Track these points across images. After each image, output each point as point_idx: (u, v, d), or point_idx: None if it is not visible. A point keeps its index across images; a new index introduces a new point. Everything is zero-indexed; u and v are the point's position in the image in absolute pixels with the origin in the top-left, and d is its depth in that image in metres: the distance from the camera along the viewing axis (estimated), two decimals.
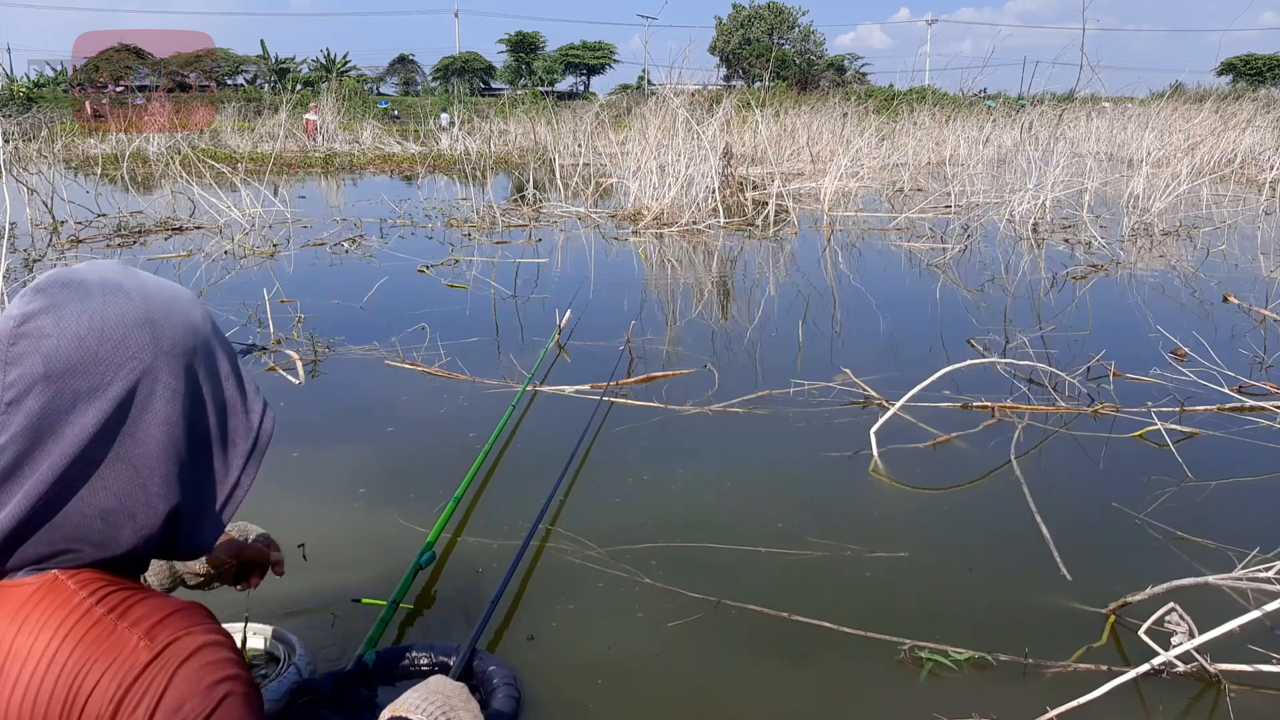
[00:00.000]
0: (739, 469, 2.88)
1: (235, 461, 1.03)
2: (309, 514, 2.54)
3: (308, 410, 3.45)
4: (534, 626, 1.95)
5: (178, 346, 0.94)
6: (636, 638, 1.93)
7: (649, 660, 1.86)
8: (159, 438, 0.92)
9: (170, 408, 0.93)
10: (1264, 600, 1.71)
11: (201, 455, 0.99)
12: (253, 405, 1.06)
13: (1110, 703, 1.63)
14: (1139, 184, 9.17)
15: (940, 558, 2.31)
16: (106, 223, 8.31)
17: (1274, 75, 46.89)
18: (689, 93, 10.70)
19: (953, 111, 18.74)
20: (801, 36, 53.55)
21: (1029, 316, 4.96)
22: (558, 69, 59.89)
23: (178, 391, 0.94)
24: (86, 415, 0.88)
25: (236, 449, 1.03)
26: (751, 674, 1.82)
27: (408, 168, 15.93)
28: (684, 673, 1.82)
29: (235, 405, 1.03)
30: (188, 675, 0.85)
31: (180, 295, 1.00)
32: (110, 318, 0.91)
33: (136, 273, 0.99)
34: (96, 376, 0.89)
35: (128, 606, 0.88)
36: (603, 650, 1.89)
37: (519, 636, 1.91)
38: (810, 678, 1.82)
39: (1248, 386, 3.46)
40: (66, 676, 0.82)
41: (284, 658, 1.70)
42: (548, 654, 1.86)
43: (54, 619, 0.85)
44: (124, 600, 0.88)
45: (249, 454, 1.05)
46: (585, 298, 5.32)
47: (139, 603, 0.89)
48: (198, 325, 0.98)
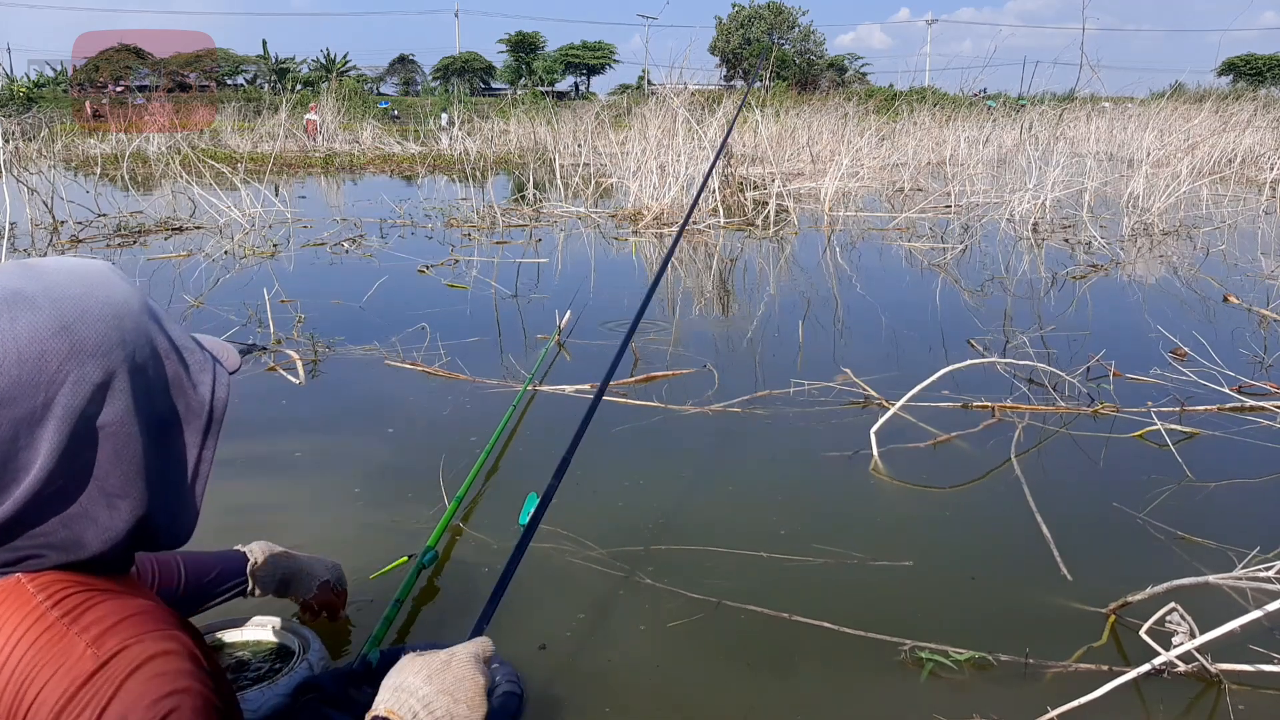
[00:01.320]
0: (739, 469, 2.88)
1: (192, 439, 0.98)
2: (309, 514, 2.55)
3: (308, 410, 3.45)
4: (535, 627, 1.95)
5: (104, 342, 0.88)
6: (637, 637, 1.93)
7: (650, 660, 1.86)
8: (110, 439, 0.88)
9: (114, 406, 0.89)
10: (1264, 600, 1.71)
11: (157, 443, 0.94)
12: (199, 378, 0.99)
13: (1111, 703, 1.63)
14: (1139, 184, 9.17)
15: (940, 557, 2.31)
16: (106, 223, 8.31)
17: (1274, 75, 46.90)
18: (689, 93, 10.69)
19: (953, 111, 18.74)
20: (801, 36, 53.54)
21: (1029, 316, 4.96)
22: (558, 69, 59.89)
23: (117, 388, 0.89)
24: (35, 443, 0.84)
25: (192, 426, 0.98)
26: (751, 675, 1.82)
27: (408, 168, 15.93)
28: (684, 673, 1.83)
29: (181, 382, 0.97)
30: (133, 688, 0.81)
31: (93, 281, 0.92)
32: (22, 336, 0.85)
33: (39, 271, 0.91)
34: (28, 401, 0.84)
35: (83, 610, 0.84)
36: (604, 649, 1.89)
37: (521, 635, 1.91)
38: (811, 678, 1.82)
39: (1248, 386, 3.46)
40: (15, 682, 0.79)
41: (298, 652, 1.70)
42: (549, 653, 1.86)
43: (9, 623, 0.82)
44: (81, 603, 0.85)
45: (205, 429, 0.99)
46: (585, 297, 5.32)
47: (95, 605, 0.85)
48: (121, 310, 0.91)
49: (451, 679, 1.07)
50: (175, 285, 5.55)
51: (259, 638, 1.74)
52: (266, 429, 3.18)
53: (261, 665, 1.69)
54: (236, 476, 2.64)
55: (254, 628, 1.74)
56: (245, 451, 2.89)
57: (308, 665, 1.65)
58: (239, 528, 2.41)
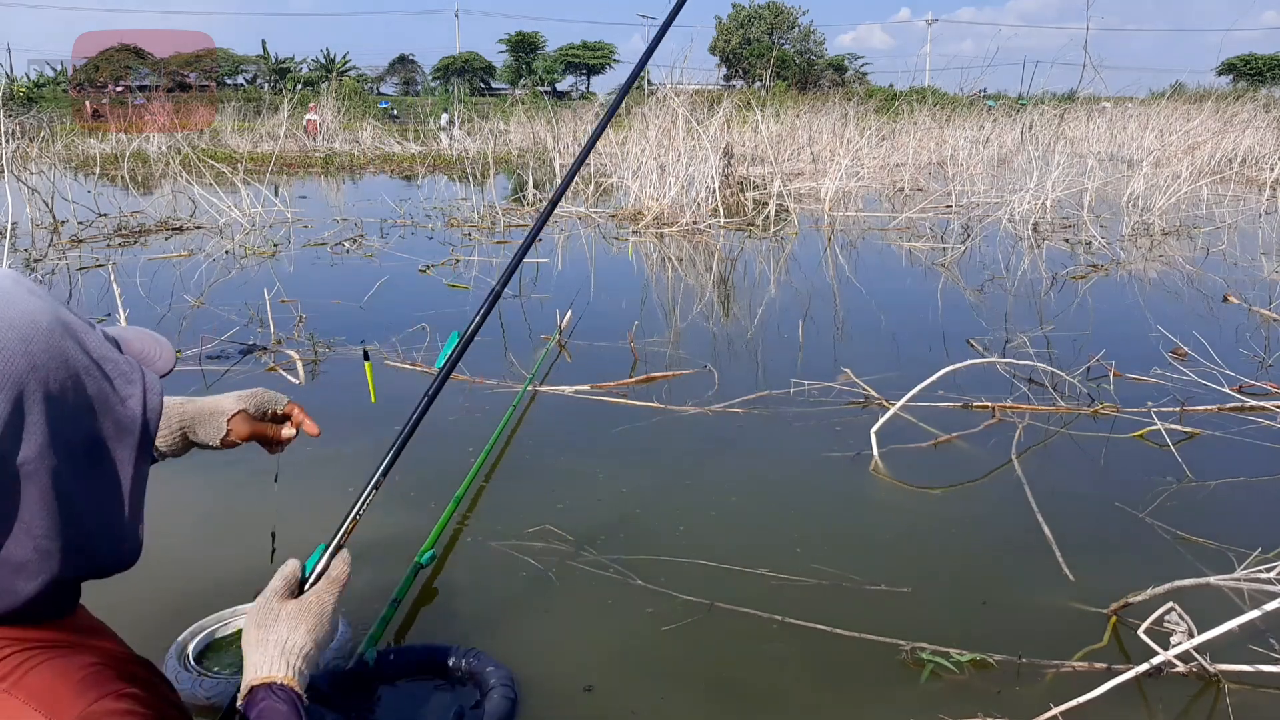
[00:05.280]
0: (739, 470, 2.88)
1: (125, 457, 0.89)
2: (309, 513, 2.54)
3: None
4: (533, 628, 1.95)
5: (12, 373, 0.77)
6: (632, 640, 1.93)
7: (645, 663, 1.86)
8: (31, 476, 0.78)
9: (33, 441, 0.78)
10: (1263, 600, 1.71)
11: (87, 468, 0.85)
12: (126, 391, 0.89)
13: (1111, 702, 1.63)
14: (1139, 184, 9.16)
15: (941, 558, 2.31)
16: (107, 223, 8.31)
17: (1275, 75, 46.85)
18: (689, 92, 10.69)
19: (953, 111, 18.73)
20: (801, 36, 53.52)
21: (1029, 316, 4.96)
22: (558, 69, 59.88)
23: (34, 420, 0.78)
24: None
25: (123, 444, 0.88)
26: (750, 676, 1.82)
27: (408, 168, 15.93)
28: (682, 675, 1.82)
29: (107, 399, 0.87)
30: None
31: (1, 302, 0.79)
32: None
33: None
34: None
35: (25, 672, 0.77)
36: (598, 651, 1.89)
37: (516, 638, 1.91)
38: (811, 679, 1.82)
39: (1248, 386, 3.46)
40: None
41: None
42: (542, 656, 1.86)
43: None
44: (20, 665, 0.77)
45: (138, 446, 0.90)
46: (586, 298, 5.32)
47: (38, 667, 0.78)
48: (28, 331, 0.79)
49: (327, 630, 1.05)
50: (175, 285, 5.55)
51: None
52: None
53: None
54: (234, 476, 2.64)
55: None
56: (244, 451, 2.88)
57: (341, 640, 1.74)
58: (237, 528, 2.42)
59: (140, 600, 2.00)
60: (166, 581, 2.08)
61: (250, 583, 2.12)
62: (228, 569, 2.19)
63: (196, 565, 2.23)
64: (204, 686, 1.69)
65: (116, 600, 1.24)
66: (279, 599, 1.04)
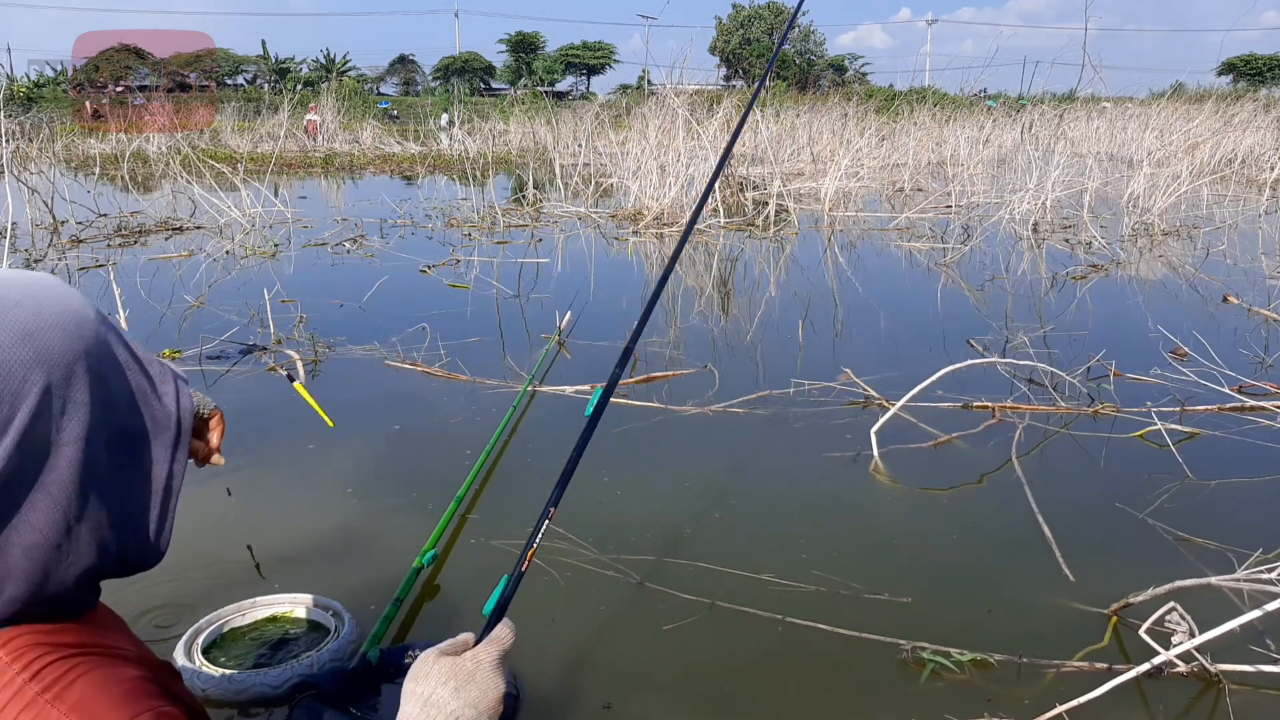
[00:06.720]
0: (739, 470, 2.88)
1: (162, 455, 0.92)
2: (310, 514, 2.54)
3: (308, 410, 3.45)
4: (534, 626, 1.95)
5: (67, 352, 0.82)
6: (633, 639, 1.93)
7: (646, 662, 1.86)
8: (72, 458, 0.81)
9: (77, 422, 0.82)
10: (1264, 600, 1.71)
11: (124, 461, 0.88)
12: (163, 389, 0.93)
13: (1112, 702, 1.63)
14: (1139, 184, 9.17)
15: (941, 558, 2.31)
16: (107, 223, 8.31)
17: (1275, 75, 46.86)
18: (689, 93, 10.69)
19: (953, 111, 18.74)
20: (802, 36, 53.52)
21: (1029, 316, 4.96)
22: (558, 69, 59.87)
23: (80, 402, 0.82)
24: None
25: (160, 440, 0.92)
26: (750, 676, 1.82)
27: (408, 168, 15.93)
28: (681, 675, 1.83)
29: (146, 395, 0.91)
30: None
31: (51, 290, 0.86)
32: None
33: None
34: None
35: (68, 683, 0.78)
36: (600, 651, 1.89)
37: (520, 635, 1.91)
38: (811, 679, 1.82)
39: (1248, 386, 3.46)
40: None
41: (333, 629, 1.87)
42: (544, 654, 1.86)
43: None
44: (63, 675, 0.78)
45: (174, 442, 0.93)
46: (586, 298, 5.32)
47: (80, 678, 0.79)
48: (81, 320, 0.85)
49: (478, 691, 1.02)
50: (175, 285, 5.55)
51: (295, 614, 1.95)
52: (266, 429, 3.18)
53: (298, 636, 1.90)
54: (236, 476, 2.64)
55: (287, 604, 1.95)
56: (245, 451, 2.89)
57: (347, 635, 1.83)
58: (238, 527, 2.42)
59: (140, 600, 2.00)
60: (165, 580, 2.08)
61: (248, 582, 2.13)
62: (226, 568, 2.19)
63: (197, 566, 2.23)
64: (200, 679, 1.70)
65: (116, 600, 1.24)
66: (438, 655, 1.05)
